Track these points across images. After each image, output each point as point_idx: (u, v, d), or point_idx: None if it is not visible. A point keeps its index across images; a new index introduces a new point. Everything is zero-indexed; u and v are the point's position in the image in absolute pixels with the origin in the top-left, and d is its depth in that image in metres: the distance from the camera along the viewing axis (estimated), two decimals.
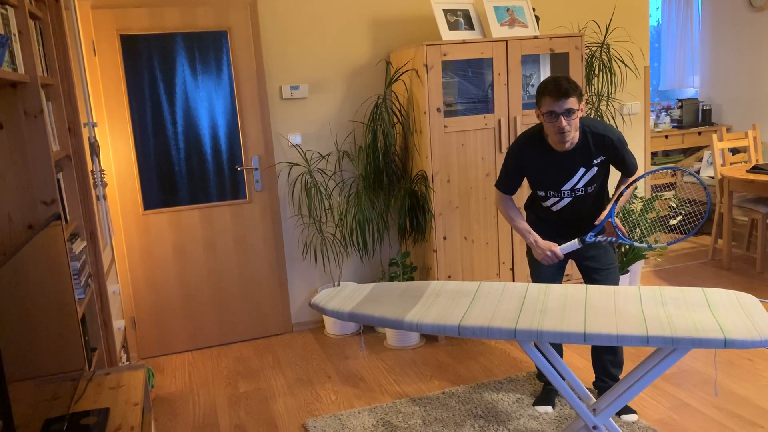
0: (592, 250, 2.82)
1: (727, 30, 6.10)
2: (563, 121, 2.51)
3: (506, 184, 2.81)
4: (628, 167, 2.73)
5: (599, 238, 2.56)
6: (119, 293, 3.61)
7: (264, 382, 3.52)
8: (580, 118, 2.64)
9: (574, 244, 2.59)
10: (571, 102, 2.49)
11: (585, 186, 2.71)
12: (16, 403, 1.49)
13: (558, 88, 2.48)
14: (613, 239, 2.55)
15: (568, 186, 2.71)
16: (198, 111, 3.87)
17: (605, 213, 2.62)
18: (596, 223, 2.62)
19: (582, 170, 2.68)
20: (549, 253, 2.68)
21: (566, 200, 2.75)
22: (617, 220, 2.57)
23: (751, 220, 5.09)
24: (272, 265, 4.14)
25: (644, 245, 2.57)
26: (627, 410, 2.87)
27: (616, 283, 2.83)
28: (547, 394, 3.03)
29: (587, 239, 2.56)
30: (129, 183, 3.82)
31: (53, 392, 1.83)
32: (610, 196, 2.90)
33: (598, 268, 2.82)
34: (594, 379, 3.01)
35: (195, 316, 4.05)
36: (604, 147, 2.65)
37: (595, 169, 2.68)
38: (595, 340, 1.84)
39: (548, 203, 2.80)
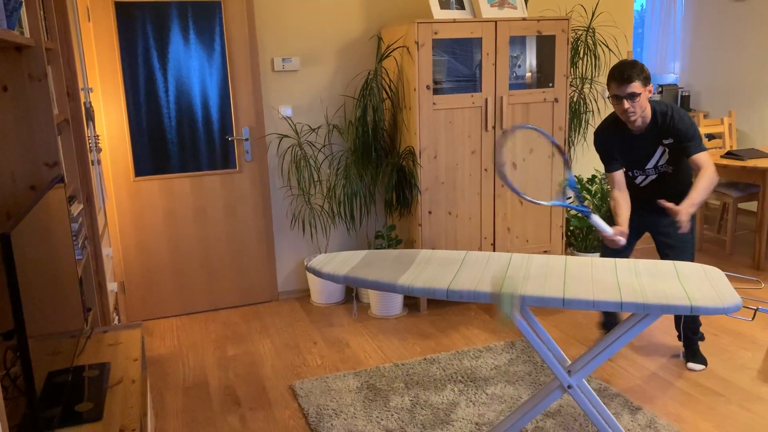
0: (667, 227, 3.01)
1: (708, 18, 6.24)
2: (626, 103, 2.76)
3: (606, 164, 3.01)
4: (689, 153, 2.83)
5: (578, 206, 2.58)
6: (111, 257, 3.68)
7: (252, 347, 3.64)
8: (660, 102, 2.87)
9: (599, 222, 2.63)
10: (634, 86, 2.73)
11: (666, 164, 2.94)
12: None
13: (621, 74, 2.74)
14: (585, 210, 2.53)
15: (650, 164, 2.95)
16: (190, 80, 3.92)
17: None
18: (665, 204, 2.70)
19: (660, 149, 2.90)
20: (619, 237, 2.74)
21: (652, 177, 2.99)
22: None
23: (722, 203, 5.29)
24: (260, 235, 4.23)
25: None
26: (697, 359, 3.21)
27: (689, 260, 3.00)
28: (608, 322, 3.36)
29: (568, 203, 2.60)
30: (121, 149, 3.87)
31: (54, 348, 1.91)
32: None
33: (671, 245, 3.02)
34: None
35: (184, 282, 4.13)
36: (669, 128, 2.85)
37: (668, 149, 2.90)
38: (574, 304, 1.98)
39: (637, 181, 3.04)
